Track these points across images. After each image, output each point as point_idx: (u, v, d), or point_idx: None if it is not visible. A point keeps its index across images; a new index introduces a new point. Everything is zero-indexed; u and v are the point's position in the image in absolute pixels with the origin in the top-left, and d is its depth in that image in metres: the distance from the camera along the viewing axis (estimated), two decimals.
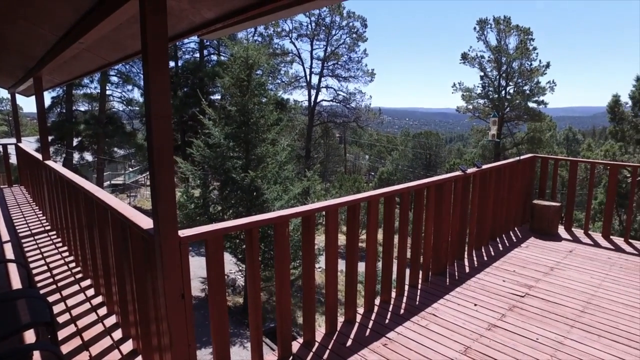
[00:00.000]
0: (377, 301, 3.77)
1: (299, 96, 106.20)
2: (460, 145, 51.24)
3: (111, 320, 3.35)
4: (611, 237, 5.72)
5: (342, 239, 4.70)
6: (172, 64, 26.64)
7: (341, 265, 3.54)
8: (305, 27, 32.15)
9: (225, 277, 15.59)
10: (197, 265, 7.46)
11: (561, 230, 6.04)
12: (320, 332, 3.26)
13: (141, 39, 1.91)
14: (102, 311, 3.51)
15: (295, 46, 32.77)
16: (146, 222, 2.34)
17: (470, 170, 4.61)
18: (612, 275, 4.44)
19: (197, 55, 28.03)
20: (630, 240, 5.55)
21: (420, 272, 4.18)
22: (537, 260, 4.86)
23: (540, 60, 28.84)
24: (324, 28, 32.13)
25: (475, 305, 3.74)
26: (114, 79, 26.01)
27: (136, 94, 27.54)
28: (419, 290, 4.04)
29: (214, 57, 28.26)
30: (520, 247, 5.34)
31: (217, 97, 25.14)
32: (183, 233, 2.25)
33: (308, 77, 33.29)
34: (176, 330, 2.16)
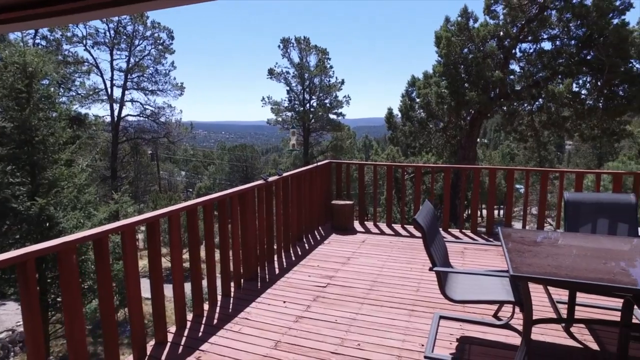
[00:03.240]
0: (190, 317, 3.72)
1: (100, 110, 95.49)
2: (276, 155, 53.81)
3: None
4: (393, 225, 6.91)
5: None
6: None
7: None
8: (102, 35, 29.00)
9: (11, 332, 12.88)
10: None
11: (356, 224, 7.00)
12: None
13: None
14: None
15: (92, 55, 29.29)
16: None
17: (271, 179, 4.95)
18: (393, 256, 5.38)
19: None
20: (405, 226, 6.81)
21: (232, 280, 4.29)
22: (337, 253, 5.52)
23: (336, 77, 32.82)
24: (125, 37, 29.57)
25: (285, 302, 4.05)
26: None
27: None
28: (231, 298, 4.14)
29: None
30: (324, 243, 5.98)
31: None
32: None
33: (109, 89, 30.08)
34: None
